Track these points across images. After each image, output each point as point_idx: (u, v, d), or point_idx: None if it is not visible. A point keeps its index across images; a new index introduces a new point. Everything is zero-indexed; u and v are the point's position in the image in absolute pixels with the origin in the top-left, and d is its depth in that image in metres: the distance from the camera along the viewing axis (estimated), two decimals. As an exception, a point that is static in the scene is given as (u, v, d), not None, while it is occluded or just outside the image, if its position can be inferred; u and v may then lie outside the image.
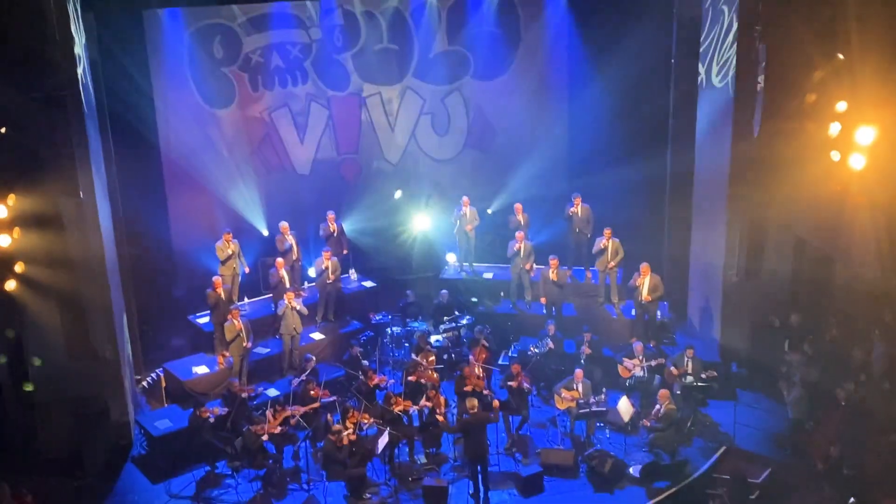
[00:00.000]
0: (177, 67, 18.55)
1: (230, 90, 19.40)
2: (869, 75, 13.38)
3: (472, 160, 21.02)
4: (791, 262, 15.87)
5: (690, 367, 15.20)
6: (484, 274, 19.29)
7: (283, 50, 19.63)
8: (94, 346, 14.42)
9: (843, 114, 13.70)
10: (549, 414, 15.47)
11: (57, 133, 13.49)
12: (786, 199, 14.97)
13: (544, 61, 20.16)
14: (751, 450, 14.35)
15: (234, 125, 19.65)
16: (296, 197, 20.18)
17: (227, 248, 17.06)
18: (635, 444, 14.59)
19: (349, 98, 20.47)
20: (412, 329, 17.38)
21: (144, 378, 16.88)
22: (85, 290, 14.17)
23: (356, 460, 13.59)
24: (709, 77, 16.73)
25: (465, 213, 18.71)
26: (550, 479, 13.85)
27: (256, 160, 20.04)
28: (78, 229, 13.90)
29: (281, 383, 16.01)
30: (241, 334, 15.65)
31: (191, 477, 14.14)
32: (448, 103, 20.81)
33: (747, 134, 15.50)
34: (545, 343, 16.19)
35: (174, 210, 19.00)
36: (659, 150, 18.33)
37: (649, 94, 18.20)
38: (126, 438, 15.04)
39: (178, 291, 18.83)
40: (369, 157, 21.06)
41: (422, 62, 20.36)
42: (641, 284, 16.45)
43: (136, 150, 17.40)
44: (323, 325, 17.75)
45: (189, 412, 14.42)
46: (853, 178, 14.00)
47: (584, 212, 17.85)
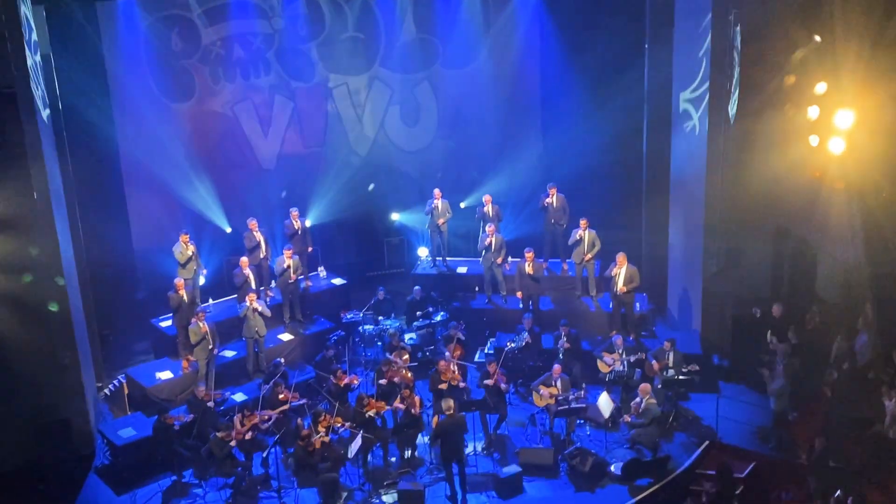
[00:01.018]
0: (134, 61, 18.01)
1: (190, 83, 18.90)
2: (849, 57, 13.23)
3: (443, 151, 20.65)
4: (771, 250, 15.69)
5: (671, 360, 14.99)
6: (458, 268, 18.95)
7: (245, 41, 19.15)
8: (53, 353, 13.98)
9: (822, 96, 13.60)
10: (527, 412, 15.22)
11: (7, 131, 13.08)
12: (765, 185, 14.79)
13: (515, 49, 19.85)
14: (734, 444, 14.18)
15: (195, 120, 19.15)
16: (261, 193, 19.70)
17: (187, 249, 16.52)
18: (616, 441, 14.37)
19: (314, 89, 20.08)
20: (384, 327, 17.02)
21: (106, 385, 16.44)
22: (41, 295, 13.72)
23: (328, 465, 13.26)
24: (684, 60, 16.44)
25: (436, 205, 18.32)
26: (530, 479, 13.60)
27: (219, 155, 19.52)
28: (33, 231, 13.48)
29: (248, 387, 15.67)
30: (206, 337, 15.25)
31: (156, 487, 13.79)
32: (417, 93, 20.45)
33: (724, 117, 15.26)
34: (522, 338, 15.89)
35: (134, 209, 18.51)
36: (634, 137, 18.11)
37: (623, 80, 17.95)
38: (88, 448, 14.60)
39: (140, 294, 18.39)
40: (337, 150, 20.60)
41: (389, 51, 19.99)
42: (617, 275, 16.15)
43: (92, 148, 17.01)
44: (291, 325, 17.30)
45: (153, 419, 14.03)
46: (832, 163, 13.88)
47: (559, 202, 17.55)
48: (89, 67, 16.96)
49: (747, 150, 15.06)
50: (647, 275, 17.24)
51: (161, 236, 18.10)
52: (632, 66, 17.70)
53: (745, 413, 14.84)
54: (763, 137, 14.74)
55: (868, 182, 13.41)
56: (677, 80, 16.73)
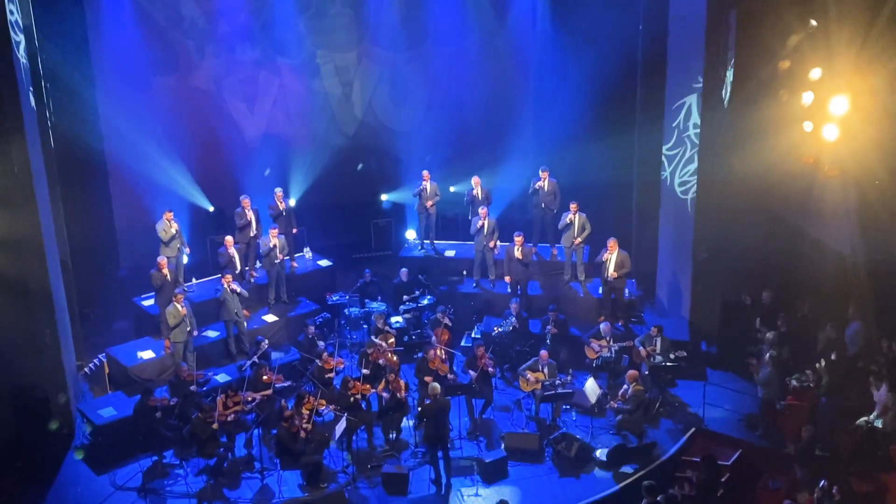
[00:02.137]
0: (118, 35, 17.70)
1: (174, 58, 18.68)
2: (843, 42, 13.12)
3: (432, 132, 20.34)
4: (762, 236, 15.56)
5: (659, 346, 14.92)
6: (446, 252, 18.74)
7: (231, 14, 18.81)
8: (33, 330, 13.75)
9: (816, 82, 13.50)
10: (513, 396, 15.14)
11: (-12, 103, 12.80)
12: (757, 171, 14.69)
13: (508, 28, 19.64)
14: (721, 431, 14.11)
15: (178, 95, 18.89)
16: (245, 172, 19.37)
17: (170, 227, 16.23)
18: (602, 427, 14.28)
19: (301, 66, 19.82)
20: (370, 310, 16.81)
21: (86, 364, 16.21)
22: (22, 271, 13.51)
23: (312, 447, 13.12)
24: (678, 44, 16.28)
25: (425, 187, 18.08)
26: (515, 463, 13.53)
27: (203, 133, 19.22)
28: (13, 206, 13.23)
29: (230, 368, 15.47)
30: (185, 320, 14.99)
31: (137, 467, 13.60)
32: (407, 71, 20.16)
33: (717, 102, 15.10)
34: (509, 322, 15.74)
35: (116, 186, 18.23)
36: (627, 121, 17.93)
37: (617, 63, 17.70)
38: (67, 427, 14.39)
39: (122, 272, 18.15)
40: (323, 129, 20.34)
41: (378, 28, 19.71)
42: (608, 260, 15.99)
43: (74, 125, 16.69)
44: (276, 306, 17.07)
45: (135, 399, 13.84)
46: (826, 150, 13.79)
47: (550, 186, 17.36)
48: (72, 42, 16.64)
49: (740, 136, 14.93)
50: (637, 260, 17.11)
51: (143, 214, 17.84)
52: (626, 49, 17.49)
53: (733, 400, 14.74)
54: (757, 123, 14.62)
55: (863, 169, 13.32)
56: (671, 64, 16.52)
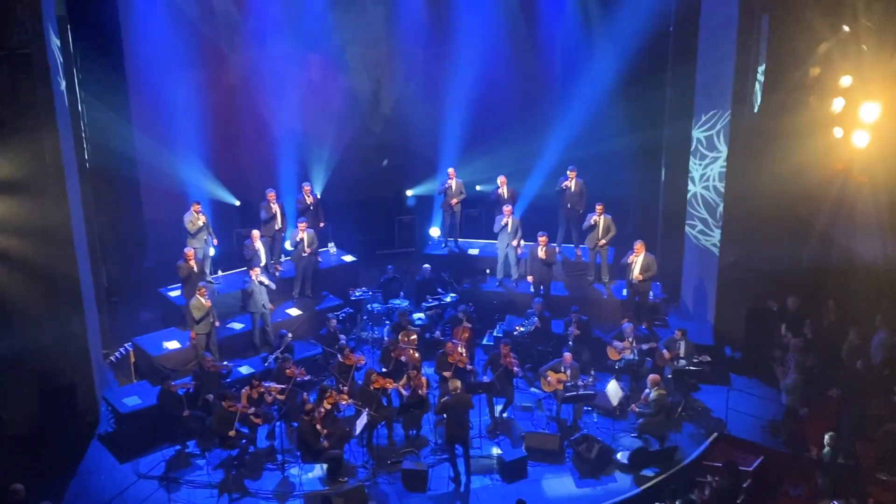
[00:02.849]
0: (148, 26, 17.79)
1: (204, 52, 18.72)
2: (875, 49, 13.03)
3: (459, 129, 20.31)
4: (790, 242, 15.41)
5: (683, 350, 14.79)
6: (469, 250, 18.71)
7: (262, 8, 18.84)
8: (61, 318, 13.86)
9: (847, 89, 13.40)
10: (534, 397, 15.10)
11: (21, 93, 12.92)
12: (786, 177, 14.57)
13: (537, 25, 19.62)
14: (743, 437, 14.01)
15: (208, 88, 18.91)
16: (273, 166, 19.44)
17: (198, 219, 16.32)
18: (623, 430, 14.21)
19: (331, 61, 19.84)
20: (393, 306, 16.84)
21: (112, 352, 16.29)
22: (51, 259, 13.62)
23: (333, 441, 13.14)
24: (709, 48, 16.17)
25: (450, 185, 18.08)
26: (534, 464, 13.49)
27: (232, 126, 19.32)
28: (44, 195, 13.34)
29: (254, 360, 15.54)
30: (210, 311, 15.05)
31: (160, 456, 13.71)
32: (435, 68, 20.17)
33: (748, 108, 15.01)
34: (531, 322, 15.70)
35: (145, 177, 18.27)
36: (655, 124, 17.82)
37: (646, 65, 17.67)
38: (93, 415, 14.53)
39: (149, 262, 18.23)
40: (351, 124, 20.38)
41: (408, 24, 19.70)
42: (633, 263, 15.92)
43: (106, 113, 16.73)
44: (300, 300, 17.13)
45: (158, 389, 13.92)
46: (855, 156, 13.70)
47: (577, 186, 17.28)
48: (104, 33, 16.73)
49: (770, 141, 14.83)
50: (662, 263, 17.01)
51: (171, 205, 17.88)
52: (655, 51, 17.39)
53: (756, 406, 14.66)
54: (786, 129, 14.54)
55: (893, 175, 13.20)
56: (702, 67, 16.43)
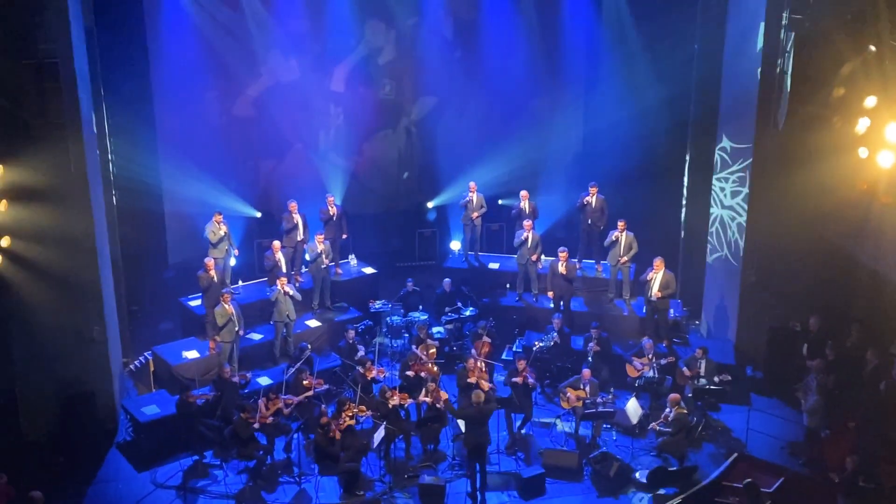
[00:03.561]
0: (175, 36, 17.81)
1: (230, 62, 18.70)
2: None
3: (482, 142, 20.36)
4: (813, 263, 15.33)
5: (703, 369, 14.71)
6: (489, 264, 18.69)
7: (286, 21, 18.85)
8: (82, 326, 13.97)
9: (872, 109, 13.30)
10: (553, 413, 15.04)
11: (48, 102, 13.08)
12: (810, 197, 14.51)
13: (560, 39, 19.62)
14: (764, 458, 13.86)
15: (232, 99, 19.05)
16: (295, 177, 19.54)
17: (219, 229, 16.39)
18: (643, 448, 14.12)
19: (354, 74, 19.88)
20: (412, 319, 16.82)
21: (132, 361, 16.37)
22: (73, 267, 13.74)
23: (350, 454, 13.12)
24: (734, 67, 16.11)
25: (471, 199, 18.10)
26: (552, 481, 13.40)
27: (256, 138, 19.40)
28: (68, 203, 13.45)
29: (274, 371, 15.54)
30: (232, 319, 15.09)
31: (177, 466, 13.73)
32: (459, 83, 20.21)
33: (772, 127, 14.94)
34: (551, 337, 15.66)
35: (168, 186, 18.36)
36: (678, 140, 17.76)
37: (670, 81, 17.62)
38: (111, 423, 14.59)
39: (170, 272, 18.30)
40: (373, 137, 20.43)
41: (433, 37, 19.79)
42: (653, 280, 15.85)
43: (131, 124, 16.81)
44: (319, 311, 17.16)
45: (177, 398, 13.98)
46: (881, 177, 13.59)
47: (598, 202, 17.26)
48: (131, 43, 16.89)
49: (794, 161, 14.77)
50: (684, 281, 16.93)
51: (193, 215, 17.97)
52: (680, 68, 17.37)
53: (777, 427, 14.55)
54: (811, 148, 14.46)
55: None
56: (726, 85, 16.37)
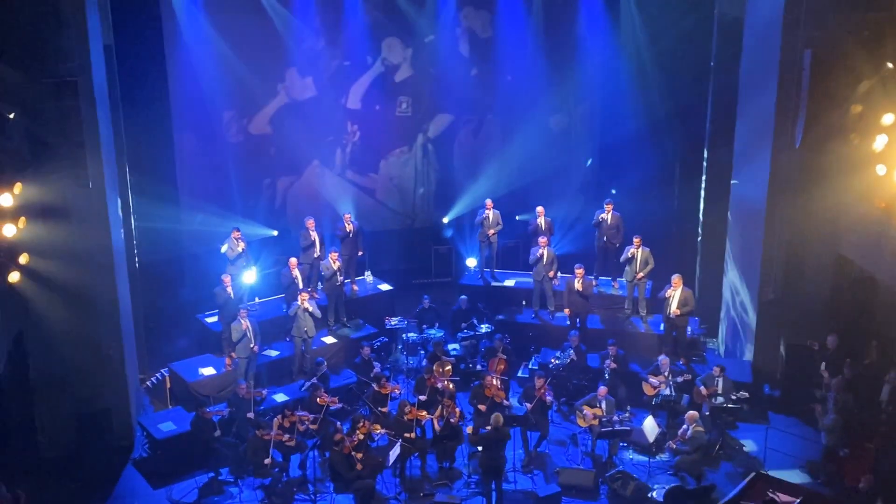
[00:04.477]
0: (193, 55, 17.91)
1: (248, 81, 18.72)
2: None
3: (497, 159, 20.36)
4: (831, 280, 15.27)
5: (721, 387, 14.60)
6: (505, 281, 18.66)
7: (306, 36, 18.98)
8: (99, 343, 14.04)
9: (889, 126, 13.22)
10: (569, 431, 14.99)
11: (67, 120, 13.11)
12: (827, 214, 14.43)
13: (575, 55, 19.71)
14: (782, 477, 13.59)
15: (251, 116, 19.14)
16: (313, 195, 19.66)
17: (237, 246, 16.47)
18: (660, 467, 14.04)
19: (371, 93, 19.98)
20: (428, 336, 16.79)
21: (149, 378, 16.42)
22: (91, 284, 13.81)
23: (366, 472, 13.12)
24: (751, 83, 16.05)
25: (487, 216, 18.09)
26: (569, 500, 13.33)
27: (273, 156, 19.49)
28: (86, 221, 13.55)
29: (290, 388, 15.57)
30: (247, 334, 15.11)
31: (193, 483, 13.73)
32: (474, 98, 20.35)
33: (789, 144, 14.88)
34: (567, 355, 15.60)
35: (186, 204, 18.41)
36: (695, 156, 17.74)
37: (687, 98, 17.58)
38: (128, 440, 14.64)
39: (187, 289, 18.29)
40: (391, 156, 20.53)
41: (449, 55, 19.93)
42: (671, 297, 15.77)
43: (149, 141, 16.94)
44: (335, 328, 17.18)
45: (193, 415, 13.99)
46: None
47: (614, 219, 17.21)
48: (150, 61, 16.97)
49: (811, 178, 14.69)
50: (701, 298, 16.84)
51: (210, 233, 17.99)
52: (696, 84, 17.38)
53: (795, 446, 14.46)
54: (827, 166, 14.38)
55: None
56: (742, 101, 16.33)
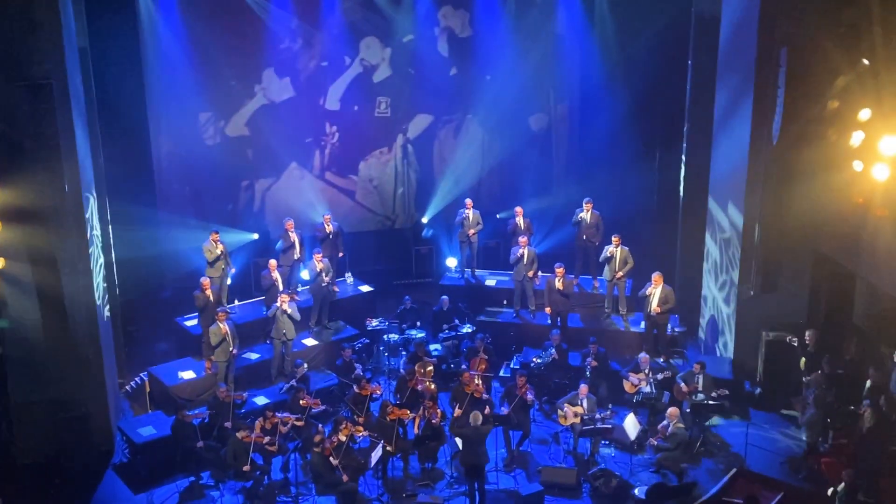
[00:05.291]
0: (170, 57, 17.83)
1: (225, 84, 18.70)
2: (894, 83, 12.91)
3: (477, 159, 20.35)
4: (809, 277, 15.32)
5: (701, 384, 14.65)
6: (486, 281, 18.66)
7: (283, 35, 18.88)
8: (76, 347, 13.88)
9: (866, 122, 13.30)
10: (551, 430, 15.00)
11: (42, 123, 12.98)
12: (805, 211, 14.45)
13: (554, 54, 19.75)
14: (763, 472, 13.84)
15: (228, 118, 18.99)
16: (292, 197, 19.57)
17: (216, 248, 16.35)
18: (641, 464, 14.08)
19: (349, 94, 19.90)
20: (410, 337, 16.78)
21: (128, 382, 16.27)
22: (68, 288, 13.63)
23: (348, 474, 13.04)
24: (727, 80, 16.13)
25: (467, 215, 18.09)
26: (551, 498, 13.34)
27: (250, 158, 19.41)
28: (62, 224, 13.42)
29: (270, 390, 15.51)
30: (226, 338, 15.04)
31: (174, 487, 13.65)
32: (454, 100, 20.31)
33: (766, 140, 14.95)
34: (549, 354, 15.63)
35: (164, 206, 18.35)
36: (673, 157, 17.79)
37: (664, 96, 17.63)
38: (107, 445, 14.52)
39: (166, 292, 18.23)
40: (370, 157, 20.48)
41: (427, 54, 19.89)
42: (651, 295, 15.82)
43: (125, 145, 16.89)
44: (317, 330, 17.13)
45: (173, 419, 13.90)
46: (876, 190, 13.56)
47: (593, 218, 17.28)
48: (126, 63, 16.91)
49: (789, 174, 14.74)
50: (681, 296, 16.91)
51: (189, 235, 17.89)
52: (673, 82, 17.42)
53: (776, 442, 14.53)
54: (805, 162, 14.41)
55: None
56: (720, 98, 16.41)
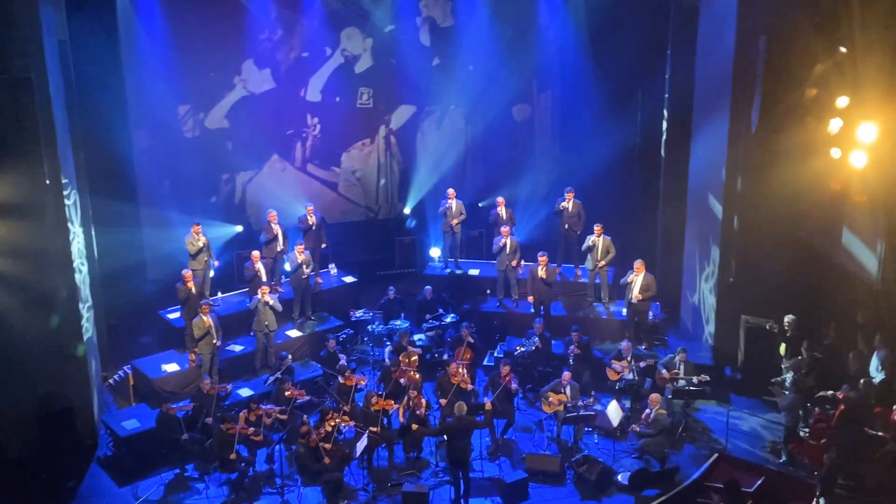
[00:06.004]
0: (151, 50, 17.77)
1: (207, 76, 18.67)
2: (872, 70, 13.11)
3: (459, 149, 20.39)
4: (788, 262, 15.40)
5: (682, 370, 14.78)
6: (470, 270, 18.72)
7: (263, 26, 18.85)
8: (59, 341, 13.86)
9: (844, 109, 13.46)
10: (535, 417, 15.07)
11: (22, 116, 12.96)
12: (784, 197, 14.61)
13: (536, 45, 19.74)
14: (743, 457, 13.96)
15: (209, 111, 18.97)
16: (274, 189, 19.53)
17: (198, 240, 16.32)
18: (624, 450, 14.17)
19: (331, 88, 19.91)
20: (394, 327, 16.81)
21: (111, 375, 16.24)
22: (50, 281, 13.63)
23: (333, 464, 13.06)
24: (707, 68, 16.21)
25: (450, 205, 18.13)
26: (536, 485, 13.40)
27: (232, 150, 19.36)
28: (43, 218, 13.38)
29: (255, 382, 15.51)
30: (210, 331, 15.04)
31: (159, 480, 13.66)
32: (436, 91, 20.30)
33: (745, 128, 15.07)
34: (532, 342, 15.71)
35: (145, 198, 18.27)
36: (654, 146, 17.88)
37: (644, 85, 17.70)
38: (91, 438, 14.50)
39: (149, 285, 18.16)
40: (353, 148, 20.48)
41: (410, 46, 19.87)
42: (633, 282, 15.95)
43: (105, 138, 16.73)
44: (300, 321, 17.14)
45: (157, 412, 13.89)
46: (854, 177, 13.73)
47: (575, 207, 17.35)
48: (105, 56, 16.72)
49: (767, 162, 14.90)
50: (662, 283, 17.04)
51: (171, 227, 17.90)
52: (653, 71, 17.54)
53: (757, 427, 14.64)
54: (784, 149, 14.59)
55: (891, 196, 13.22)
56: (699, 87, 16.50)
